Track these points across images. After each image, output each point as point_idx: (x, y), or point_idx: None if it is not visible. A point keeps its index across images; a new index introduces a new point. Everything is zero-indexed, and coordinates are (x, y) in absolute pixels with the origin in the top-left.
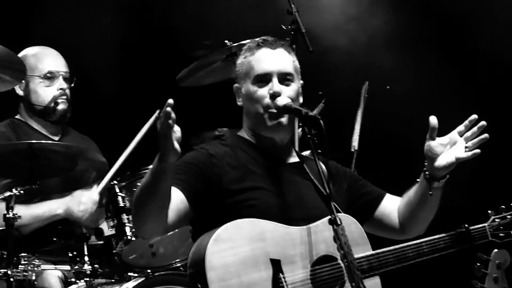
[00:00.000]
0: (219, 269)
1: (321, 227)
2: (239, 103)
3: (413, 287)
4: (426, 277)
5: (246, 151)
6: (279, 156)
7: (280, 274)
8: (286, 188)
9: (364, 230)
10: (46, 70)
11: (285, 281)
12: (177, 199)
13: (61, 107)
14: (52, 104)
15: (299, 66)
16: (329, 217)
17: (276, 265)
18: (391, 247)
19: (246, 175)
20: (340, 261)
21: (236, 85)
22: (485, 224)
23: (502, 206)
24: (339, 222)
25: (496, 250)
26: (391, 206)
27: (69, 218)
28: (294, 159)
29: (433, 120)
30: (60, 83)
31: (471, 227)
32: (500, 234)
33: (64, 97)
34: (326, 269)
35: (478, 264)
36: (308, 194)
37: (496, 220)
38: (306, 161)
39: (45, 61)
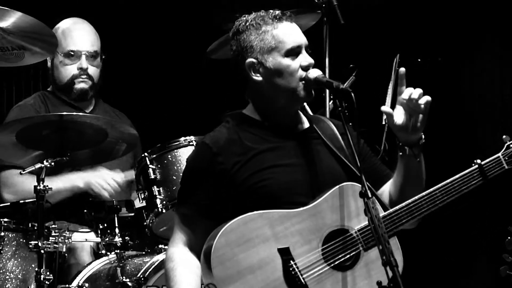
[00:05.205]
0: (230, 271)
1: (328, 201)
2: (256, 78)
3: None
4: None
5: (251, 131)
6: (290, 127)
7: (291, 261)
8: (297, 161)
9: None
10: (68, 48)
11: (297, 267)
12: (197, 232)
13: (79, 86)
14: (70, 83)
15: None
16: (337, 187)
17: (285, 253)
18: (403, 204)
19: (254, 158)
20: (352, 232)
21: (250, 60)
22: (499, 154)
23: None
24: (369, 195)
25: None
26: (387, 186)
27: (89, 191)
28: (305, 125)
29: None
30: (82, 62)
31: (483, 162)
32: None
33: (84, 76)
34: (338, 244)
35: (509, 237)
36: (322, 161)
37: (511, 146)
38: (317, 123)
39: (69, 38)
